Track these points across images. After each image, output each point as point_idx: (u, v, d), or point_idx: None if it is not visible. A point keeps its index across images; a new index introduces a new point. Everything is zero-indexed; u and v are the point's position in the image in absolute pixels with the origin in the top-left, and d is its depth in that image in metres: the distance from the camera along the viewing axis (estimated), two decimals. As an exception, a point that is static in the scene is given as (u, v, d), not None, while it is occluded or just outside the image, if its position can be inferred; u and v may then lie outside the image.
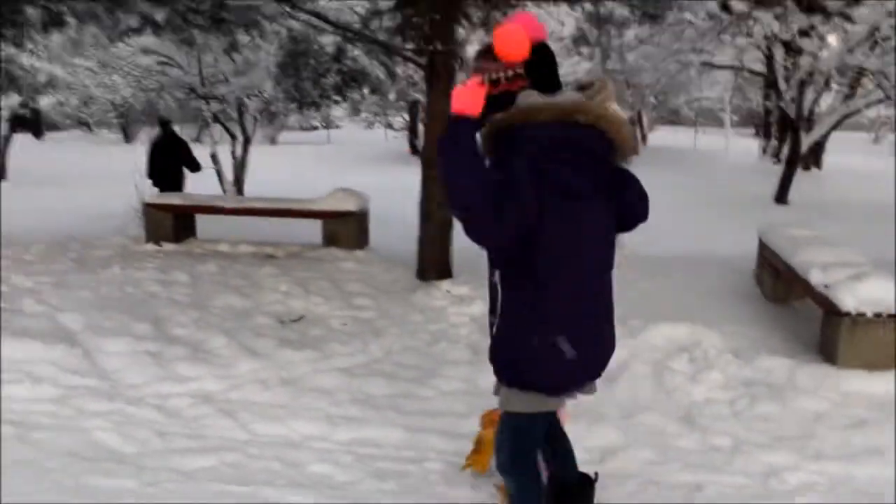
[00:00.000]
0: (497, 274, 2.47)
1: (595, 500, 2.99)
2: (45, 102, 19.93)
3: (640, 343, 5.10)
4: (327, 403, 4.30)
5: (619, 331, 2.65)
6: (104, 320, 5.47)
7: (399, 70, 12.38)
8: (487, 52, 2.46)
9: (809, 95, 14.10)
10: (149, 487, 3.43)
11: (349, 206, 8.18)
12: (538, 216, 2.24)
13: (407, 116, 27.31)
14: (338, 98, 11.77)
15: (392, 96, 15.27)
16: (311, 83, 10.63)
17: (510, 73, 2.42)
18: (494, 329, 2.51)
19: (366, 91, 11.65)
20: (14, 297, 6.17)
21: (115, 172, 15.89)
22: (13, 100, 17.67)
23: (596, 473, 2.99)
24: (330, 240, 8.21)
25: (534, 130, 2.32)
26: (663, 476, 3.61)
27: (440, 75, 6.94)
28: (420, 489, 3.45)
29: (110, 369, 4.67)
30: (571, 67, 17.61)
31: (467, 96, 2.35)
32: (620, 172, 2.51)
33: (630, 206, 2.54)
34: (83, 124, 32.36)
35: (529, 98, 2.37)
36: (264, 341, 5.18)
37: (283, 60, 10.30)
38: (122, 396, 4.34)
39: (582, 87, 2.48)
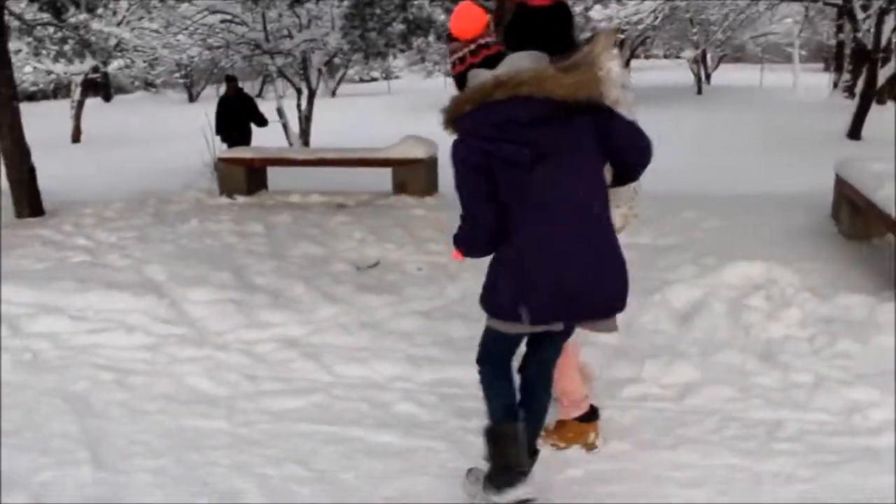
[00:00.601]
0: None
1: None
2: (114, 66, 20.32)
3: (715, 281, 5.02)
4: (408, 345, 4.36)
5: (692, 269, 2.64)
6: (187, 271, 5.62)
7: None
8: (449, 35, 2.68)
9: (889, 24, 13.45)
10: (241, 428, 3.55)
11: (418, 153, 8.19)
12: (497, 190, 2.62)
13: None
14: (403, 47, 11.70)
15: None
16: (376, 33, 10.58)
17: (472, 46, 2.64)
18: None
19: (431, 38, 11.54)
20: (101, 252, 6.38)
21: (182, 131, 16.22)
22: (86, 65, 18.06)
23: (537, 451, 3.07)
24: (400, 187, 8.25)
25: (482, 113, 2.57)
26: (743, 413, 3.57)
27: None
28: (504, 426, 3.49)
29: (197, 317, 4.81)
30: (634, 7, 17.19)
31: None
32: (605, 121, 2.63)
33: (618, 152, 2.70)
34: (149, 86, 32.90)
35: (478, 78, 2.61)
36: (343, 287, 5.26)
37: (350, 11, 10.26)
38: (209, 343, 4.47)
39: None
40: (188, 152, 12.13)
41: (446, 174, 8.48)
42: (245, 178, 8.75)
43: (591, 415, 3.34)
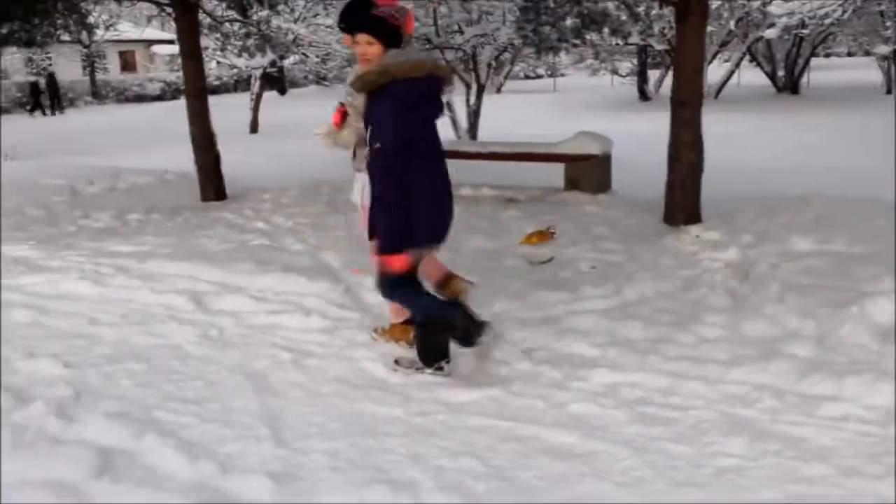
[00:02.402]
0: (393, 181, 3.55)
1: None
2: (289, 61, 21.18)
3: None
4: (586, 345, 4.20)
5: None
6: (360, 259, 5.67)
7: (641, 10, 11.90)
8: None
9: None
10: (416, 417, 3.50)
11: (592, 149, 7.98)
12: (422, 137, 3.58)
13: (636, 61, 26.43)
14: (576, 41, 11.48)
15: (636, 38, 14.64)
16: (549, 27, 10.43)
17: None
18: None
19: (605, 33, 11.26)
20: (278, 236, 6.58)
21: (353, 123, 16.63)
22: (265, 59, 18.91)
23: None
24: (572, 183, 8.07)
25: (414, 82, 3.49)
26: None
27: (693, 12, 6.54)
28: (690, 438, 3.27)
29: (371, 304, 4.84)
30: (819, 1, 16.10)
31: None
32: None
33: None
34: (321, 80, 34.10)
35: (399, 57, 3.53)
36: (516, 282, 5.16)
37: (525, 4, 10.16)
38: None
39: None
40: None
41: (620, 171, 8.30)
42: (416, 169, 8.81)
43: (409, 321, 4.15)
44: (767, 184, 8.59)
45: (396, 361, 3.99)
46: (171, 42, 35.88)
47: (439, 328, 3.80)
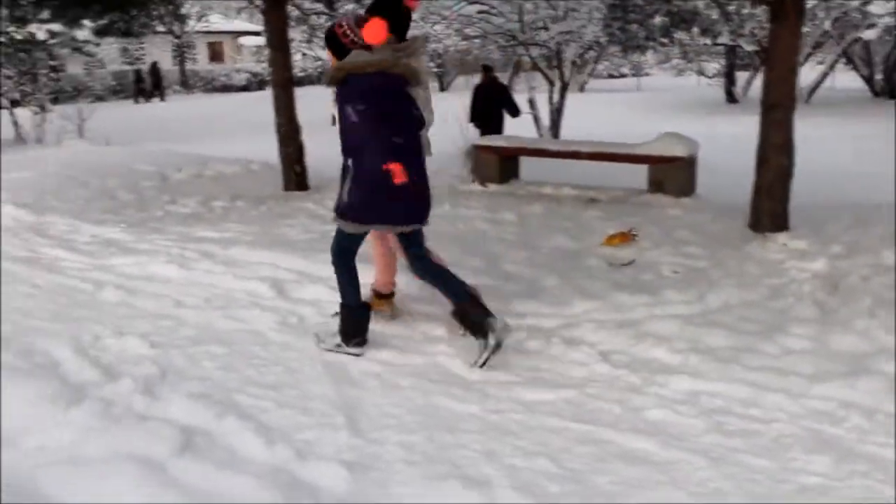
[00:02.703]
0: (345, 159, 4.02)
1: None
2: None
3: None
4: (665, 350, 4.13)
5: None
6: (441, 253, 5.68)
7: (732, 9, 11.60)
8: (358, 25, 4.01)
9: None
10: (492, 415, 3.50)
11: (678, 151, 7.82)
12: (363, 125, 3.88)
13: (723, 62, 25.80)
14: (664, 40, 11.28)
15: (725, 38, 14.31)
16: (637, 24, 10.27)
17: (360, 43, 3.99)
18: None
19: (695, 32, 11.02)
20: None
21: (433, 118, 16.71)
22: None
23: None
24: (656, 185, 7.92)
25: (362, 77, 3.88)
26: None
27: (789, 11, 6.34)
28: (771, 452, 3.18)
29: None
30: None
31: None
32: (412, 94, 4.00)
33: (415, 116, 4.04)
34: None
35: (360, 56, 3.94)
36: (597, 283, 5.10)
37: (612, 2, 10.04)
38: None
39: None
40: (439, 139, 12.38)
41: (705, 174, 8.12)
42: (498, 166, 8.80)
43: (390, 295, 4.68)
44: (860, 192, 8.29)
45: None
46: (257, 34, 36.63)
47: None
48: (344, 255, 4.24)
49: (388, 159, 3.89)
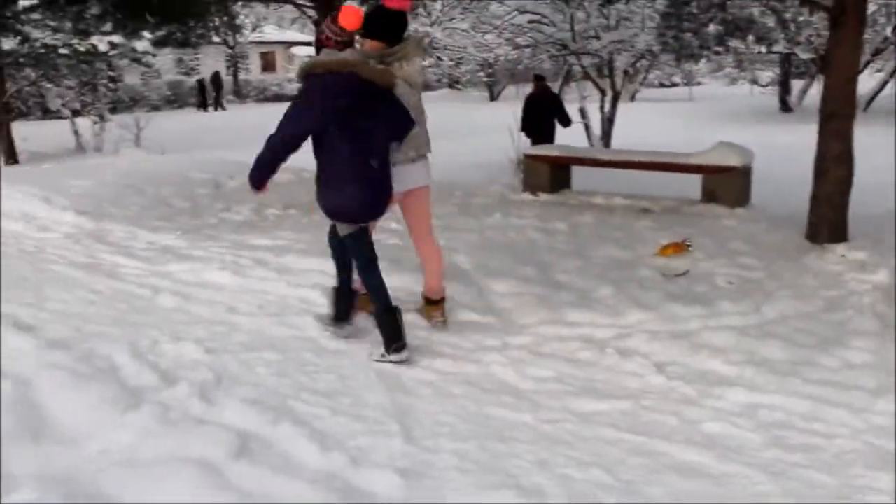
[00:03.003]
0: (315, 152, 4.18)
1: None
2: (424, 63, 21.54)
3: None
4: (721, 362, 4.07)
5: None
6: (491, 262, 5.70)
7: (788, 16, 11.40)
8: (334, 20, 4.06)
9: None
10: (545, 425, 3.48)
11: (733, 160, 7.70)
12: (326, 120, 4.02)
13: (778, 70, 25.42)
14: (719, 49, 11.13)
15: (780, 46, 14.04)
16: (691, 33, 10.16)
17: (345, 38, 4.09)
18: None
19: (750, 40, 10.86)
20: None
21: (483, 128, 16.74)
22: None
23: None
24: (709, 195, 7.81)
25: (329, 75, 3.98)
26: None
27: (849, 18, 6.22)
28: (833, 468, 3.11)
29: (501, 308, 4.85)
30: None
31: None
32: (388, 97, 4.11)
33: (392, 118, 4.13)
34: (454, 83, 34.47)
35: (330, 55, 4.06)
36: (650, 294, 5.04)
37: (667, 10, 9.95)
38: (514, 335, 4.48)
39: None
40: (489, 148, 12.48)
41: (760, 184, 7.99)
42: (549, 175, 8.77)
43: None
44: (923, 203, 8.08)
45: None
46: (309, 44, 37.11)
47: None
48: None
49: (365, 156, 4.07)
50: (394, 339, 4.16)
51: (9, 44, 13.94)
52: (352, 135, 4.01)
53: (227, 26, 26.02)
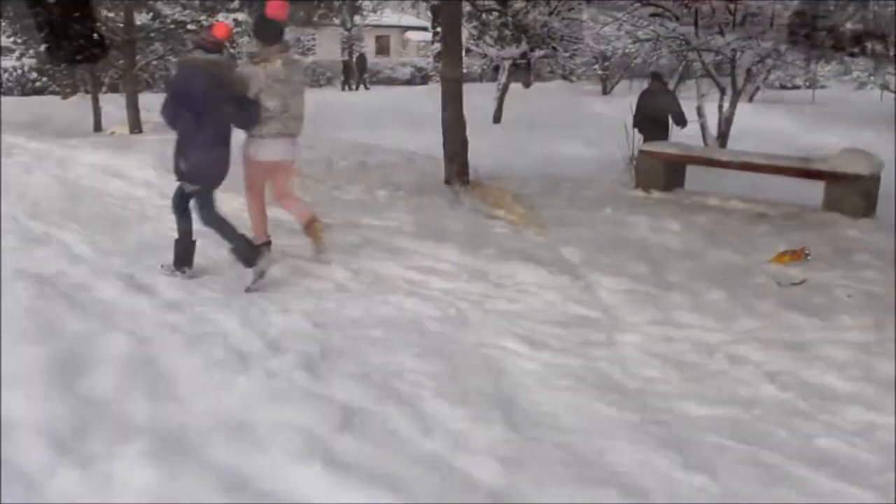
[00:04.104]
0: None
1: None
2: (537, 54, 21.32)
3: None
4: (837, 377, 3.91)
5: None
6: (601, 258, 5.63)
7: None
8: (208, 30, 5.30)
9: None
10: (651, 425, 3.43)
11: (860, 168, 7.33)
12: (184, 107, 4.99)
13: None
14: (855, 50, 10.54)
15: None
16: (825, 32, 9.67)
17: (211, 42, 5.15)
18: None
19: (891, 41, 10.23)
20: (519, 226, 6.65)
21: (593, 122, 16.51)
22: (517, 50, 19.19)
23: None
24: (832, 204, 7.45)
25: (191, 69, 5.11)
26: None
27: None
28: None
29: (610, 304, 4.79)
30: None
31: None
32: (240, 96, 5.17)
33: (235, 114, 5.19)
34: (567, 75, 34.07)
35: (198, 55, 5.10)
36: (764, 301, 4.87)
37: (800, 8, 9.52)
38: (622, 332, 4.42)
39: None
40: (600, 142, 12.30)
41: (886, 196, 7.59)
42: (663, 173, 8.56)
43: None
44: None
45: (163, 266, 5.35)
46: (424, 29, 37.34)
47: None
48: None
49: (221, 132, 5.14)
50: (251, 260, 5.07)
51: (141, 19, 14.58)
52: (196, 115, 4.95)
53: (350, 7, 26.36)
